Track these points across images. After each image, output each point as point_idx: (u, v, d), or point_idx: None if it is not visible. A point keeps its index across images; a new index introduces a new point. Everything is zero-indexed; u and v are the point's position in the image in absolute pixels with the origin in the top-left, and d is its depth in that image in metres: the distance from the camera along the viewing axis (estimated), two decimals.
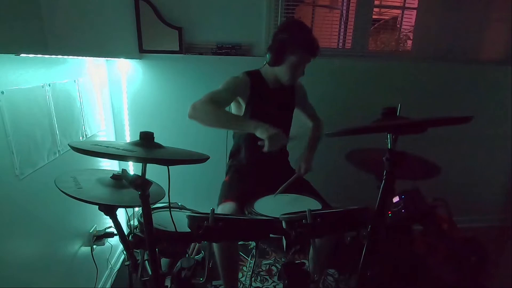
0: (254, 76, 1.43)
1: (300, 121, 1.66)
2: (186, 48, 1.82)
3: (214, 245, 1.19)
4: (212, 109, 1.16)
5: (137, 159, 0.87)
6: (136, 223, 1.14)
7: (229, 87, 1.34)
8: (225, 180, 1.52)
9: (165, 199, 0.98)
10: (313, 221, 0.84)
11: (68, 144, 0.83)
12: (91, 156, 0.81)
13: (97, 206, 0.94)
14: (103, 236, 1.54)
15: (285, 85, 1.46)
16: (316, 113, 1.66)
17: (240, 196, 1.28)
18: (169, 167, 0.86)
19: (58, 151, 1.23)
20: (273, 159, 1.53)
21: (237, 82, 1.37)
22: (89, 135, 1.52)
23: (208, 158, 0.89)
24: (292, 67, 1.32)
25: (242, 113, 1.44)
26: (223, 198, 1.32)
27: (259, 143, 1.12)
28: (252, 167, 1.49)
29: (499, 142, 2.27)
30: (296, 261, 1.06)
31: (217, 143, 1.67)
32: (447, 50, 2.06)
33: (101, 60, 1.76)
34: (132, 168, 1.99)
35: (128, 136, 1.95)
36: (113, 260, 1.79)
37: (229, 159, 1.60)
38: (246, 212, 1.12)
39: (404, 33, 2.17)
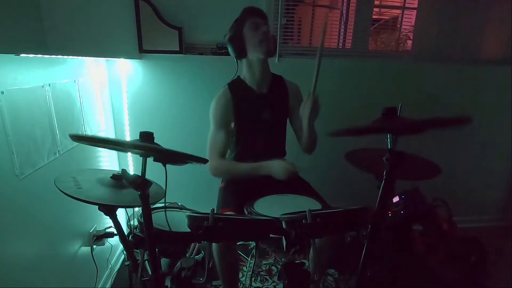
0: (235, 84, 1.40)
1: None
2: (186, 48, 1.82)
3: (213, 246, 1.18)
4: (228, 166, 1.36)
5: (137, 147, 0.86)
6: (136, 223, 1.14)
7: (219, 121, 1.36)
8: (222, 186, 1.47)
9: None
10: (313, 221, 0.84)
11: (69, 135, 0.84)
12: (92, 145, 0.82)
13: (97, 206, 0.94)
14: (103, 236, 1.54)
15: (275, 86, 1.42)
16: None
17: (239, 204, 1.23)
18: (169, 168, 0.86)
19: (58, 151, 1.23)
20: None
21: (221, 108, 1.36)
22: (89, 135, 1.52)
23: (207, 161, 0.89)
24: (250, 38, 1.29)
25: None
26: (221, 208, 1.29)
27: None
28: None
29: (499, 142, 2.26)
30: (296, 261, 1.06)
31: None
32: (447, 50, 2.06)
33: (101, 60, 1.76)
34: (132, 168, 1.99)
35: (128, 136, 1.95)
36: (113, 260, 1.79)
37: None
38: (246, 212, 1.11)
39: (404, 33, 2.17)
